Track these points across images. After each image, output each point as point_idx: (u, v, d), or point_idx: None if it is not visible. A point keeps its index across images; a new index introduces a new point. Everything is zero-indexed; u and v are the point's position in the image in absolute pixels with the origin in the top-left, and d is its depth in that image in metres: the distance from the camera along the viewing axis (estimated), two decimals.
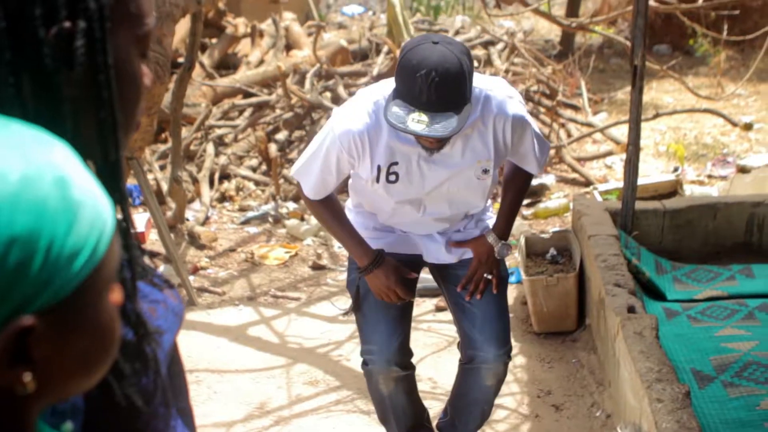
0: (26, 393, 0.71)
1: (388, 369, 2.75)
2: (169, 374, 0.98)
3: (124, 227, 0.87)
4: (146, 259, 0.98)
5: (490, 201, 2.79)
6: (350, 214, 2.72)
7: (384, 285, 2.58)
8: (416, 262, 2.76)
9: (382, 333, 2.70)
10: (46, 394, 0.73)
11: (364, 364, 2.81)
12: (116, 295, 0.76)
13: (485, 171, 2.48)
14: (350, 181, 2.63)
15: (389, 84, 2.38)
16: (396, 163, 2.42)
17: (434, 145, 2.36)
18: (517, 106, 2.44)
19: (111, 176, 0.84)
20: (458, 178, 2.48)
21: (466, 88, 2.23)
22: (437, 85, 2.14)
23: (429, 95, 2.15)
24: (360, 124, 2.36)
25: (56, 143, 0.72)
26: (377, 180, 2.45)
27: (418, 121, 2.17)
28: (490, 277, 2.67)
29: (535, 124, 2.54)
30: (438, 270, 2.81)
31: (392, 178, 2.44)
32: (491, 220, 2.77)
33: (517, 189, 2.74)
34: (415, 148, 2.39)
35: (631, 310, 3.28)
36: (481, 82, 2.41)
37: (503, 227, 2.71)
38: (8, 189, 0.66)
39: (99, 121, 0.83)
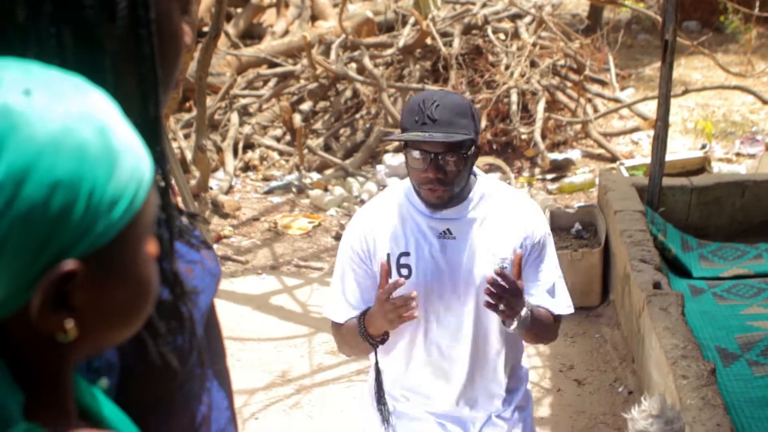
0: (67, 340, 0.71)
1: None
2: (205, 336, 0.98)
3: (163, 187, 0.87)
4: (184, 220, 0.97)
5: (529, 386, 2.44)
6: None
7: (380, 312, 2.18)
8: None
9: None
10: (85, 343, 0.74)
11: None
12: (153, 247, 0.76)
13: (503, 269, 2.19)
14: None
15: (403, 183, 2.34)
16: (407, 254, 2.28)
17: (438, 191, 2.18)
18: (538, 214, 2.31)
19: (150, 132, 0.83)
20: (474, 275, 2.23)
21: (468, 117, 2.18)
22: (438, 107, 2.16)
23: (430, 114, 2.16)
24: (368, 216, 2.33)
25: (96, 91, 0.72)
26: (389, 273, 2.26)
27: (416, 134, 2.14)
28: (502, 308, 2.16)
29: (554, 249, 2.33)
30: None
31: (404, 272, 2.26)
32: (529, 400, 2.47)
33: (543, 318, 2.30)
34: (426, 239, 2.25)
35: (656, 286, 3.26)
36: (500, 184, 2.36)
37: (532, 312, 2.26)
38: (50, 134, 0.66)
39: (139, 76, 0.82)
